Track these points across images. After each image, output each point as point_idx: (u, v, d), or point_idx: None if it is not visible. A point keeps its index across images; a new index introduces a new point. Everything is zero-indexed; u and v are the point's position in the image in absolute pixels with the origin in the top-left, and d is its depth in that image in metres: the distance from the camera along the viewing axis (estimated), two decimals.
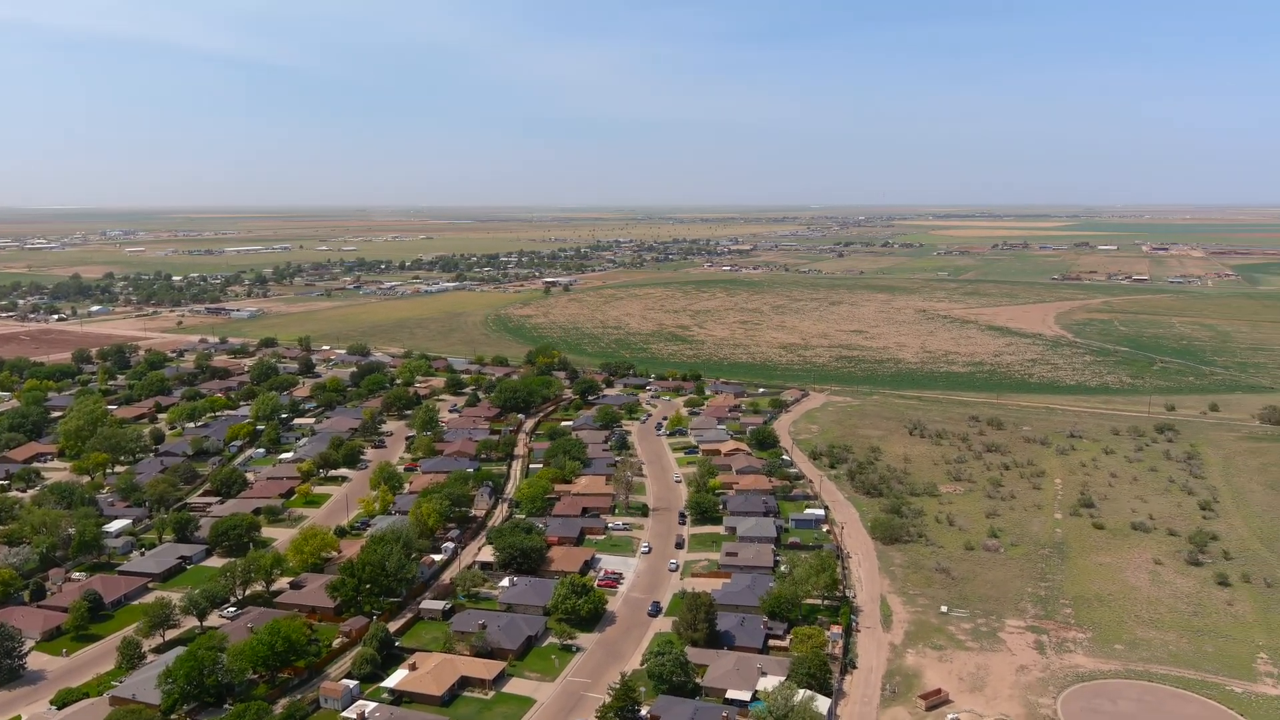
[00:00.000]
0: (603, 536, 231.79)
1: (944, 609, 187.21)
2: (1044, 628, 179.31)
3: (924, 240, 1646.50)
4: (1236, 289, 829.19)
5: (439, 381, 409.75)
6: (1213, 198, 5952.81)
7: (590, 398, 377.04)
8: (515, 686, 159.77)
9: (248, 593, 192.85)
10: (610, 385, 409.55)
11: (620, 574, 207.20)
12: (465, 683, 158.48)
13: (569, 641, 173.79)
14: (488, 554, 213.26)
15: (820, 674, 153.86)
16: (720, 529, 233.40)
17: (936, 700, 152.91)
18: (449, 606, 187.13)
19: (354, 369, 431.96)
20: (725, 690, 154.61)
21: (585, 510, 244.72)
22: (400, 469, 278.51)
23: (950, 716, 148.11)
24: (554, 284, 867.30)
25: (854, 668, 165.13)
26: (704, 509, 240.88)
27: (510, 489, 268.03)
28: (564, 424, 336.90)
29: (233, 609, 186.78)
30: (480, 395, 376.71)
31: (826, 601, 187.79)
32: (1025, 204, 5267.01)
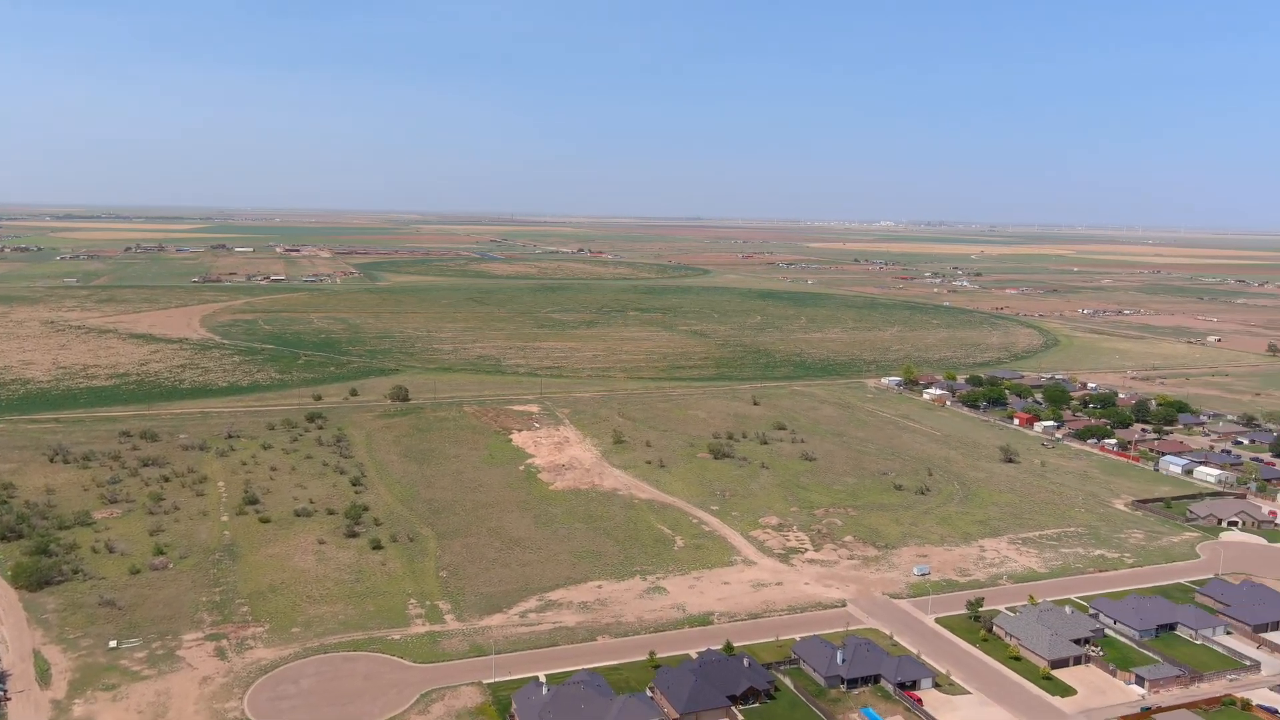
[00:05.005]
0: None
1: (113, 644, 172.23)
2: (223, 632, 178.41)
3: (44, 243, 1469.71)
4: (361, 285, 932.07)
5: None
6: (334, 203, 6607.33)
7: None
8: None
9: None
10: None
11: None
12: None
13: None
14: None
15: None
16: None
17: None
18: None
19: None
20: None
21: None
22: None
23: None
24: None
25: None
26: None
27: None
28: None
29: None
30: None
31: None
32: (154, 205, 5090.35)
